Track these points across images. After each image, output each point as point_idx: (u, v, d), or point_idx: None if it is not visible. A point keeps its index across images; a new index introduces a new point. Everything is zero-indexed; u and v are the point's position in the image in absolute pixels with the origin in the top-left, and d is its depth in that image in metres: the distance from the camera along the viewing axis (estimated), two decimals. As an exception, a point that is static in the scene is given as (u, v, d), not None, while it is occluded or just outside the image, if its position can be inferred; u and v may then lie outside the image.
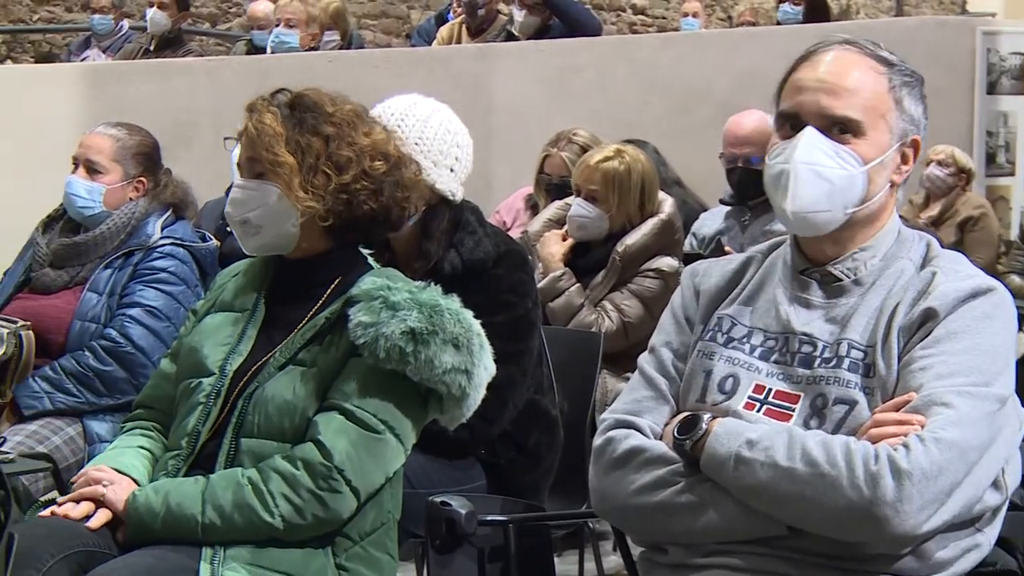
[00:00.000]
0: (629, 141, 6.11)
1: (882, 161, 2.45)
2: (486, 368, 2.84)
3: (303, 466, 2.72)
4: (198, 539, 2.71)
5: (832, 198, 2.42)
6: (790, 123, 2.46)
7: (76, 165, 4.35)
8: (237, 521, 2.71)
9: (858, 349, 2.38)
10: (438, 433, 3.10)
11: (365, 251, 3.08)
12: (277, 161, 2.88)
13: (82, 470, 2.97)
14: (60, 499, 2.86)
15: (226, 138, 3.02)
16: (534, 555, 2.82)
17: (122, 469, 2.88)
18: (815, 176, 2.41)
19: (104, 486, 2.81)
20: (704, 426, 2.37)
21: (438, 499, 2.73)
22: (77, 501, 2.82)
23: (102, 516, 2.78)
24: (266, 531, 2.71)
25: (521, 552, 2.76)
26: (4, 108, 7.01)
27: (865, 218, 2.47)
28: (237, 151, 3.06)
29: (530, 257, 4.38)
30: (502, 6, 8.54)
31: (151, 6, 8.78)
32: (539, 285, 4.25)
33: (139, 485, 2.84)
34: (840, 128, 2.42)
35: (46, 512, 2.82)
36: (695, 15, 10.12)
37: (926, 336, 2.34)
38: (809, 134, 2.42)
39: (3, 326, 4.09)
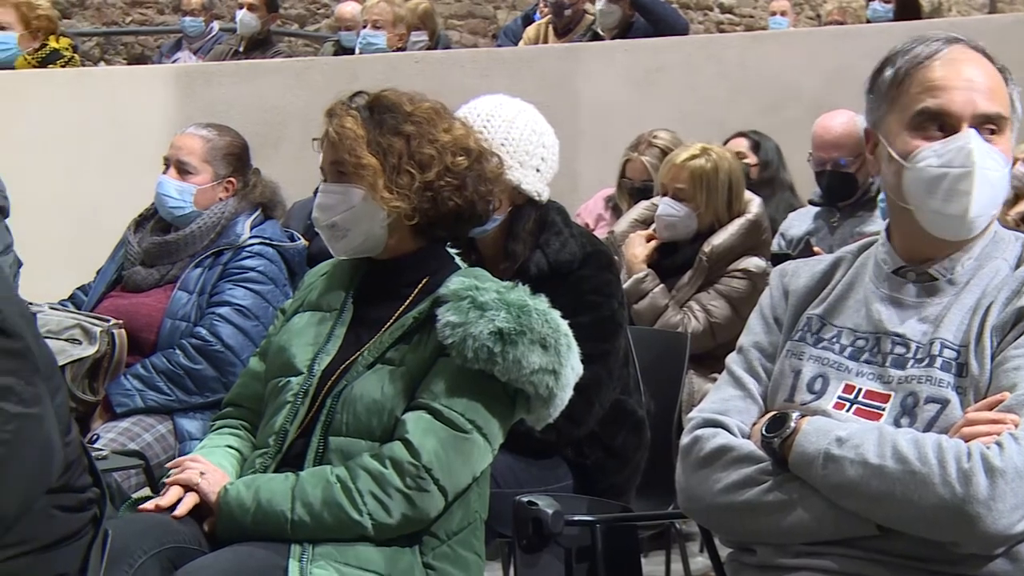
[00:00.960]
0: (755, 133, 6.09)
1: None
2: (573, 369, 2.83)
3: (391, 464, 2.73)
4: (287, 536, 2.73)
5: (994, 200, 2.39)
6: (937, 124, 2.40)
7: (167, 165, 4.39)
8: (326, 519, 2.72)
9: (951, 348, 2.35)
10: (525, 433, 3.10)
11: (452, 251, 3.09)
12: (360, 163, 2.89)
13: (177, 459, 3.00)
14: (162, 492, 2.89)
15: (315, 139, 3.04)
16: (621, 555, 2.81)
17: None
18: (985, 179, 2.37)
19: (200, 475, 2.85)
20: (793, 424, 2.35)
21: (525, 499, 2.73)
22: (184, 487, 2.85)
23: (189, 501, 2.81)
24: (355, 529, 2.72)
25: (608, 552, 2.75)
26: (97, 109, 7.09)
27: None
28: None
29: (616, 258, 4.37)
30: (588, 6, 8.52)
31: (241, 8, 8.86)
32: (623, 286, 4.24)
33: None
34: (990, 128, 2.39)
35: (148, 505, 2.85)
36: (783, 14, 10.04)
37: (1020, 335, 2.30)
38: (976, 136, 2.37)
39: (96, 324, 4.15)
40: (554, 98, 6.31)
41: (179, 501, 2.82)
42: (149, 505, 2.83)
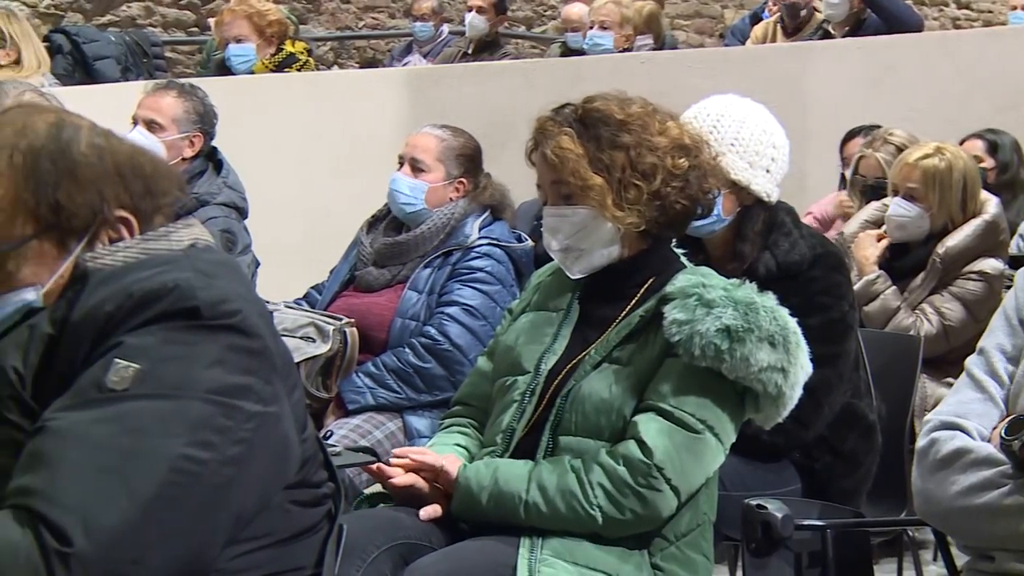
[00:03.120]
0: (991, 132, 5.92)
1: None
2: (802, 367, 2.79)
3: (624, 462, 2.72)
4: (520, 519, 2.76)
5: None
6: None
7: (401, 163, 4.47)
8: (559, 506, 2.73)
9: None
10: (752, 436, 3.07)
11: (679, 251, 3.07)
12: (587, 185, 2.87)
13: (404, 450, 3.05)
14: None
15: (528, 141, 3.03)
16: (852, 562, 2.77)
17: None
18: None
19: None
20: (1034, 427, 2.28)
21: (754, 502, 2.71)
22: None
23: (431, 511, 2.86)
24: (587, 522, 2.73)
25: (839, 559, 2.71)
26: (331, 112, 7.23)
27: None
28: None
29: (847, 259, 4.30)
30: (818, 3, 8.39)
31: (470, 11, 8.97)
32: (854, 288, 4.17)
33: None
34: None
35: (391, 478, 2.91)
36: (1025, 8, 9.71)
37: None
38: None
39: (329, 323, 4.24)
40: (782, 97, 6.22)
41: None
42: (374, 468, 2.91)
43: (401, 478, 2.89)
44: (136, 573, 1.85)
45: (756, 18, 9.10)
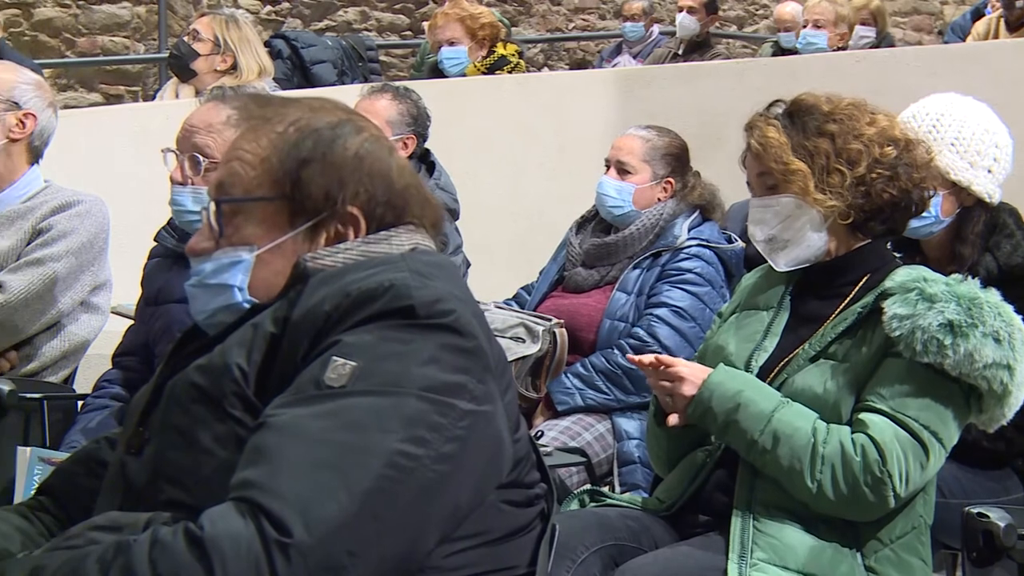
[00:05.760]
0: None
1: None
2: None
3: (862, 455, 2.67)
4: (743, 451, 2.76)
5: None
6: None
7: (608, 166, 4.48)
8: (782, 463, 2.70)
9: None
10: (972, 443, 3.01)
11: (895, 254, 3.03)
12: (789, 170, 2.87)
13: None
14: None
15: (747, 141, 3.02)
16: (1077, 575, 2.67)
17: None
18: None
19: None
20: None
21: (975, 510, 2.64)
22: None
23: (675, 419, 2.86)
24: (799, 488, 2.70)
25: (1066, 571, 2.63)
26: (541, 113, 7.26)
27: None
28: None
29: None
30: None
31: (681, 11, 8.94)
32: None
33: None
34: None
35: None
36: None
37: None
38: None
39: (539, 324, 4.25)
40: (1006, 96, 6.04)
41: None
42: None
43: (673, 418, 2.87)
44: (352, 565, 1.87)
45: (978, 14, 8.87)
